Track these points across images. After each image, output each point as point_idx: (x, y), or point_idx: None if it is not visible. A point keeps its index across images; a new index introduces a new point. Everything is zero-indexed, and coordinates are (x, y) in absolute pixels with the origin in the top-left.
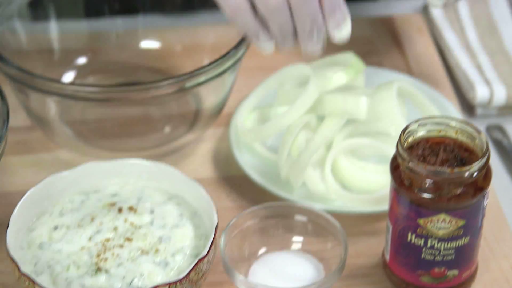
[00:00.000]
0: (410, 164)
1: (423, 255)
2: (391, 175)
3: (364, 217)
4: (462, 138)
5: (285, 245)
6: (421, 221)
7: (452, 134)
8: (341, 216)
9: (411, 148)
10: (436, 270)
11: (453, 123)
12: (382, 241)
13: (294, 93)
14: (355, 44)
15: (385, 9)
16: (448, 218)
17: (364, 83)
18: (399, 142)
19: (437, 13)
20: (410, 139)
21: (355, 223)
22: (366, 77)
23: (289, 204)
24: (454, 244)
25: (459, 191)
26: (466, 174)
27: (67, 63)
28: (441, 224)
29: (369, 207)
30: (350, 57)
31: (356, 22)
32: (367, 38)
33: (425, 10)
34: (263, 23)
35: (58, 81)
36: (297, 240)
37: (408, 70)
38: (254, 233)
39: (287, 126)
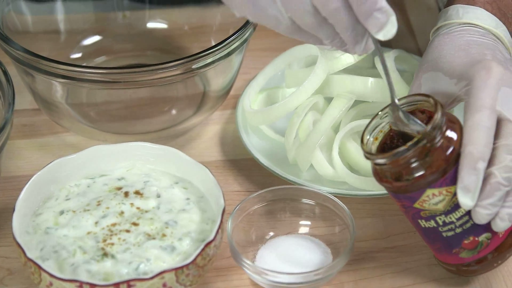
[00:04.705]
0: (377, 161)
1: (444, 234)
2: (374, 177)
3: (372, 200)
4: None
5: (293, 229)
6: (417, 205)
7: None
8: (348, 200)
9: (384, 144)
10: (466, 241)
11: (385, 109)
12: (390, 223)
13: (302, 74)
14: None
15: None
16: (436, 191)
17: (372, 64)
18: (361, 145)
19: None
20: (379, 137)
21: (363, 206)
22: (374, 58)
23: (296, 187)
24: (461, 210)
25: (429, 161)
26: (424, 141)
27: (73, 44)
28: (434, 199)
29: (377, 189)
30: None
31: None
32: None
33: None
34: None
35: (65, 63)
36: (305, 224)
37: (418, 51)
38: (261, 217)
39: (294, 108)
